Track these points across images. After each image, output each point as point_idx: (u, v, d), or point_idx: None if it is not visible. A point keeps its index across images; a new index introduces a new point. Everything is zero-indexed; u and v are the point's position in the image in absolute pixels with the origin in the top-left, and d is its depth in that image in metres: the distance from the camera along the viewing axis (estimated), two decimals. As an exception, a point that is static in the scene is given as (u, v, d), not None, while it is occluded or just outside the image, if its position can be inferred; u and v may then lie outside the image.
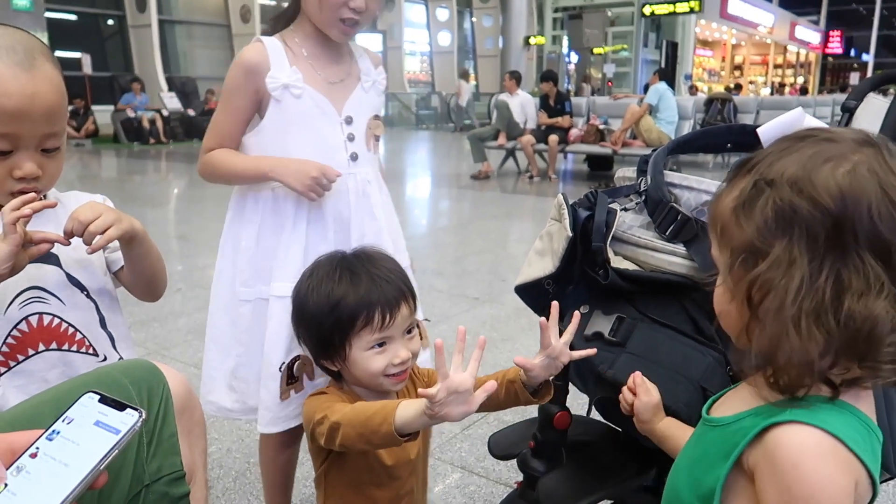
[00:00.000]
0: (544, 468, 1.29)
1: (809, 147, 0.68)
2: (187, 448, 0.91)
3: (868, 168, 0.64)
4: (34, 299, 1.03)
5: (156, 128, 12.83)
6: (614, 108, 8.66)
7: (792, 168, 0.66)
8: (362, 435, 0.94)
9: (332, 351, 1.07)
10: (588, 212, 1.23)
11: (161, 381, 0.89)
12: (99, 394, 0.68)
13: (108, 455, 0.64)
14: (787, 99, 12.38)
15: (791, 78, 32.24)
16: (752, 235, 0.68)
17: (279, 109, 1.34)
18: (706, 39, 28.25)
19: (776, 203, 0.66)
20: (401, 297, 1.06)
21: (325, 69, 1.40)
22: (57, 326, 1.05)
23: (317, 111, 1.37)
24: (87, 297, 1.11)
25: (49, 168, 1.03)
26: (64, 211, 1.12)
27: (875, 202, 0.63)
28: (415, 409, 0.90)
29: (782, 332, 0.65)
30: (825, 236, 0.64)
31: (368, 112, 1.44)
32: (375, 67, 1.49)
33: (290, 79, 1.34)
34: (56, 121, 0.99)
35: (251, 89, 1.35)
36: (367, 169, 1.43)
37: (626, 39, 21.75)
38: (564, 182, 8.56)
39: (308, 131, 1.36)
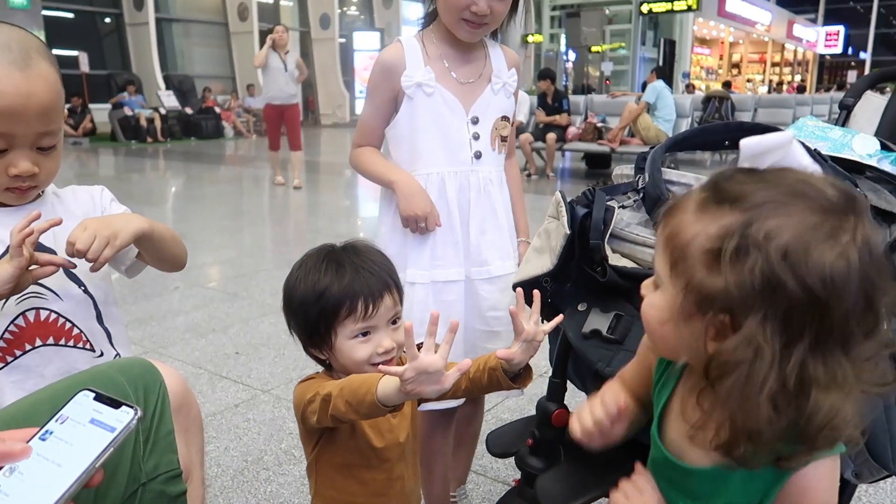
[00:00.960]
0: (542, 466, 1.29)
1: (806, 213, 0.63)
2: (184, 446, 0.90)
3: (857, 253, 0.61)
4: (31, 294, 1.03)
5: (153, 126, 12.81)
6: (612, 107, 8.66)
7: (787, 235, 0.61)
8: (350, 404, 0.97)
9: (318, 339, 1.10)
10: (586, 209, 1.23)
11: (157, 379, 0.88)
12: (94, 391, 0.67)
13: (104, 453, 0.63)
14: (785, 97, 12.39)
15: (789, 76, 32.27)
16: (723, 290, 0.63)
17: (411, 106, 1.44)
18: (704, 37, 28.27)
19: (764, 271, 0.61)
20: (384, 288, 1.09)
21: (458, 69, 1.47)
22: (54, 321, 1.05)
23: (446, 109, 1.44)
24: (84, 291, 1.10)
25: (45, 165, 1.02)
26: (62, 207, 1.12)
27: (853, 295, 0.61)
28: (392, 383, 0.93)
29: (741, 410, 0.63)
30: (801, 320, 0.61)
31: (496, 113, 1.49)
32: (509, 69, 1.52)
33: (423, 78, 1.42)
34: (51, 119, 0.98)
35: (388, 87, 1.45)
36: (490, 168, 1.50)
37: (624, 37, 21.77)
38: (562, 180, 8.56)
39: (436, 128, 1.45)
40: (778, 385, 0.61)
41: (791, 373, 0.61)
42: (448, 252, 1.47)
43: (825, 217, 0.63)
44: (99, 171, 9.65)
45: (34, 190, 1.05)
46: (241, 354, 2.80)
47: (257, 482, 1.92)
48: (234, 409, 2.32)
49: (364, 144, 1.54)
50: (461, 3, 1.36)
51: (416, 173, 1.47)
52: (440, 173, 1.46)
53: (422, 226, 1.44)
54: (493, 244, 1.49)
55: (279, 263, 4.41)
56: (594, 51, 20.30)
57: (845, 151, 1.31)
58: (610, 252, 1.18)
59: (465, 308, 1.50)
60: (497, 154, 1.51)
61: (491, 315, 1.50)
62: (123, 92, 12.94)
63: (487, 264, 1.49)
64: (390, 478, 1.15)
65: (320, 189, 8.19)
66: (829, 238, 0.61)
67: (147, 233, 1.07)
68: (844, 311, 0.61)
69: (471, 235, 1.47)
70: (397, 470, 1.16)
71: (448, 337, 0.92)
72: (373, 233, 5.23)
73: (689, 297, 0.66)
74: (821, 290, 0.60)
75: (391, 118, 1.48)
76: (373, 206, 6.80)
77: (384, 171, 1.49)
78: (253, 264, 4.35)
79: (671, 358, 0.76)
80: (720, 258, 0.63)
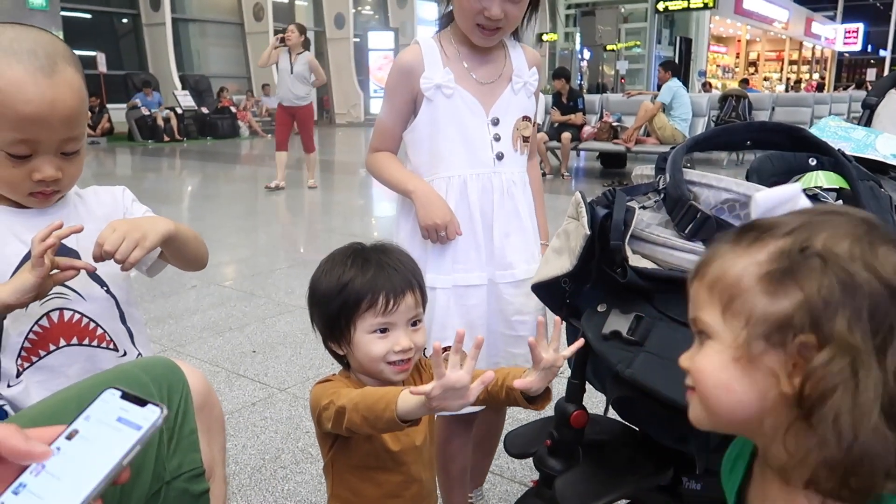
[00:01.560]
0: (561, 467, 1.29)
1: (849, 225, 0.61)
2: (206, 445, 0.91)
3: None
4: (55, 295, 1.04)
5: (170, 126, 12.91)
6: (627, 106, 8.60)
7: (845, 241, 0.59)
8: (366, 419, 0.97)
9: (337, 333, 1.11)
10: (606, 210, 1.22)
11: (181, 378, 0.89)
12: (121, 390, 0.68)
13: (131, 451, 0.64)
14: (803, 96, 12.24)
15: (806, 74, 31.94)
16: (793, 308, 0.59)
17: (431, 108, 1.42)
18: (720, 36, 28.06)
19: (837, 272, 0.58)
20: (407, 286, 1.10)
21: (477, 70, 1.45)
22: (78, 322, 1.06)
23: (466, 111, 1.43)
24: (106, 292, 1.12)
25: (69, 170, 1.03)
26: (85, 208, 1.13)
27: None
28: (416, 400, 0.94)
29: (856, 436, 0.56)
30: (888, 315, 0.57)
31: (517, 113, 1.47)
32: (530, 68, 1.51)
33: (442, 79, 1.41)
34: (76, 125, 0.98)
35: (407, 89, 1.43)
36: (513, 169, 1.48)
37: (640, 36, 21.61)
38: (577, 180, 8.53)
39: (457, 130, 1.43)
40: (885, 392, 0.56)
41: (891, 374, 0.56)
42: (470, 256, 1.45)
43: (868, 227, 0.61)
44: (116, 170, 9.74)
45: (57, 194, 1.07)
46: (258, 353, 2.82)
47: (275, 480, 1.93)
48: (251, 408, 2.34)
49: (381, 148, 1.51)
50: (474, 7, 1.34)
51: (437, 176, 1.45)
52: (462, 176, 1.44)
53: (442, 235, 1.42)
54: (517, 247, 1.47)
55: (294, 262, 4.43)
56: (609, 49, 20.19)
57: (869, 152, 1.30)
58: (630, 253, 1.18)
59: (488, 312, 1.48)
60: (519, 155, 1.49)
61: (516, 319, 1.48)
62: (139, 93, 13.05)
63: (512, 268, 1.47)
64: (406, 480, 1.15)
65: (335, 188, 8.22)
66: (885, 240, 0.60)
67: (173, 234, 1.07)
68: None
69: (494, 238, 1.45)
70: (413, 472, 1.16)
71: (473, 352, 0.92)
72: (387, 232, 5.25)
73: (756, 330, 0.61)
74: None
75: (409, 121, 1.46)
76: (387, 205, 6.82)
77: (402, 180, 1.47)
78: (268, 263, 4.37)
79: (737, 424, 0.66)
80: (783, 278, 0.60)
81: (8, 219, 1.04)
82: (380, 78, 19.31)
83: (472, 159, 1.43)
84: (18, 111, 0.90)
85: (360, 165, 10.89)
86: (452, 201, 1.43)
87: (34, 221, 1.03)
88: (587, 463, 1.30)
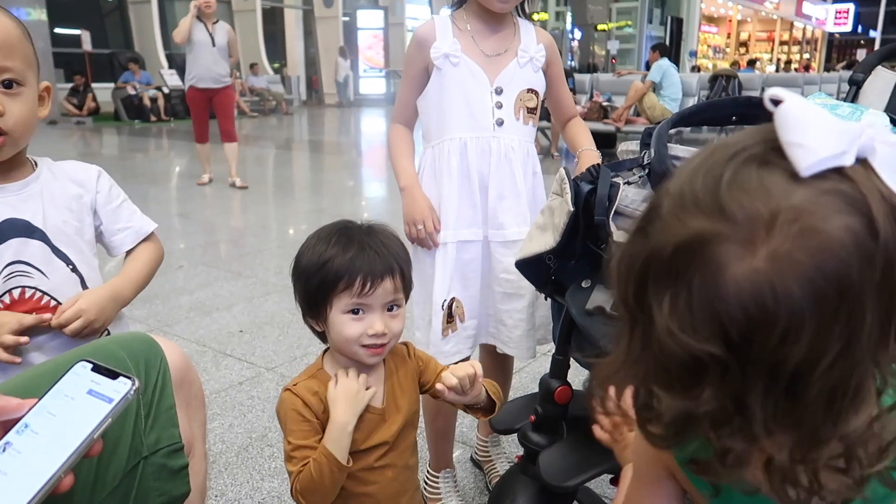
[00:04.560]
0: (545, 442, 1.30)
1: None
2: (186, 420, 0.91)
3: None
4: (18, 273, 1.03)
5: (157, 105, 12.77)
6: (618, 85, 8.57)
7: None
8: (317, 492, 1.06)
9: (315, 309, 1.12)
10: (590, 185, 1.22)
11: (158, 353, 0.88)
12: (91, 362, 0.67)
13: (102, 424, 0.63)
14: (793, 76, 12.23)
15: (797, 55, 31.90)
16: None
17: (439, 76, 1.52)
18: (711, 15, 27.92)
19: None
20: (387, 271, 1.09)
21: (485, 42, 1.53)
22: (38, 300, 1.05)
23: (471, 78, 1.51)
24: (72, 270, 1.10)
25: (12, 108, 0.99)
26: (57, 183, 1.11)
27: None
28: (337, 434, 1.06)
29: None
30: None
31: (521, 85, 1.55)
32: (537, 44, 1.58)
33: (450, 49, 1.50)
34: (10, 55, 0.97)
35: (420, 59, 1.54)
36: (513, 136, 1.55)
37: (631, 16, 21.50)
38: (567, 159, 8.51)
39: (461, 96, 1.52)
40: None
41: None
42: (466, 213, 1.54)
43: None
44: (102, 150, 9.63)
45: (6, 142, 1.01)
46: (245, 333, 2.81)
47: (262, 458, 1.93)
48: (238, 387, 2.33)
49: (400, 120, 1.63)
50: None
51: (443, 139, 1.54)
52: (462, 138, 1.52)
53: (420, 229, 1.52)
54: (511, 209, 1.54)
55: (282, 242, 4.41)
56: (600, 29, 20.08)
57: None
58: (615, 229, 1.17)
59: (481, 269, 1.57)
60: (522, 125, 1.56)
61: (503, 277, 1.55)
62: (127, 72, 12.88)
63: (503, 228, 1.54)
64: (373, 467, 1.14)
65: (324, 168, 8.17)
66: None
67: (129, 297, 1.17)
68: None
69: (489, 199, 1.54)
70: (384, 459, 1.15)
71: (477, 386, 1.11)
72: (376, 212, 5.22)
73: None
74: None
75: (423, 90, 1.57)
76: (377, 185, 6.79)
77: (399, 172, 1.59)
78: (256, 243, 4.35)
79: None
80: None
81: None
82: (369, 57, 19.17)
83: (473, 124, 1.52)
84: None
85: (349, 146, 10.83)
86: (454, 161, 1.53)
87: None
88: (571, 438, 1.30)
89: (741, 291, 0.47)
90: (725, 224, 0.48)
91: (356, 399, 1.10)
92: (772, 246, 0.46)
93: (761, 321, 0.47)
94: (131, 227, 1.21)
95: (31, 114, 1.02)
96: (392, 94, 18.15)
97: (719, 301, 0.47)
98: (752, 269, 0.46)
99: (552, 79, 1.62)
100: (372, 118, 14.86)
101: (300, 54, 18.13)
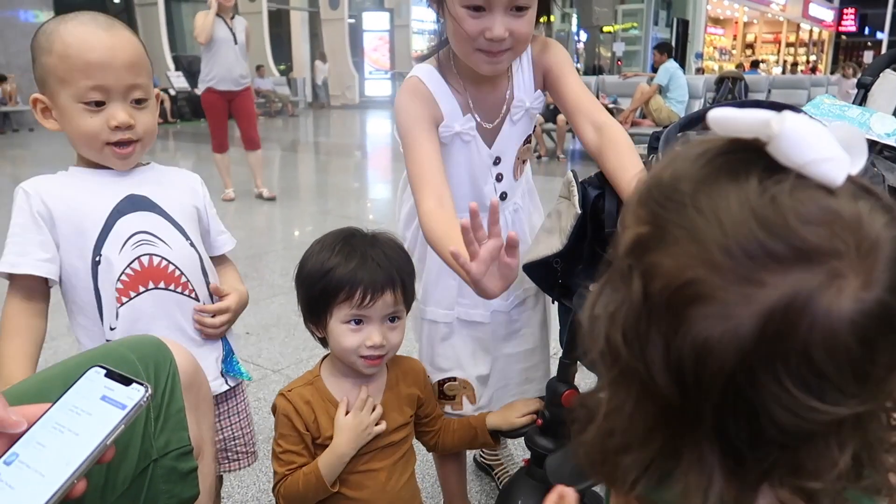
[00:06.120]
0: (552, 446, 1.29)
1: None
2: (195, 423, 0.91)
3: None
4: (143, 242, 1.10)
5: (163, 107, 12.82)
6: (624, 87, 8.56)
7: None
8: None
9: (315, 316, 1.13)
10: (598, 190, 1.22)
11: (168, 356, 0.89)
12: (105, 368, 0.68)
13: (115, 430, 0.64)
14: (800, 78, 12.19)
15: (804, 56, 31.80)
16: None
17: (445, 151, 1.26)
18: (717, 17, 27.89)
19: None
20: (388, 283, 1.10)
21: (481, 109, 1.28)
22: (164, 268, 1.11)
23: (477, 158, 1.30)
24: (190, 245, 1.17)
25: (141, 119, 1.10)
26: (171, 173, 1.24)
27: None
28: (332, 458, 1.10)
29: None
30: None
31: (517, 144, 1.33)
32: (536, 89, 1.31)
33: (462, 127, 1.26)
34: (138, 73, 1.09)
35: (428, 112, 1.22)
36: (516, 199, 1.39)
37: (637, 17, 21.48)
38: (573, 161, 8.50)
39: (466, 175, 1.30)
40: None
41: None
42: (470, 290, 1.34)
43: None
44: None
45: (136, 146, 1.12)
46: (251, 335, 2.81)
47: (268, 461, 1.92)
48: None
49: (431, 197, 1.14)
50: (472, 30, 1.11)
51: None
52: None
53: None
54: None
55: (288, 244, 4.42)
56: (606, 31, 20.10)
57: (863, 130, 1.29)
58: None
59: (494, 340, 1.42)
60: (519, 181, 1.38)
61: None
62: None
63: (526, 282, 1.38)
64: (359, 470, 1.16)
65: (330, 170, 8.18)
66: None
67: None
68: None
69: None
70: (371, 464, 1.16)
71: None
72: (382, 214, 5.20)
73: None
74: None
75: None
76: (382, 187, 6.79)
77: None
78: (263, 245, 4.36)
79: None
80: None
81: (86, 178, 1.13)
82: (374, 59, 19.20)
83: (477, 202, 1.21)
84: (85, 59, 1.03)
85: (354, 147, 10.84)
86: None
87: (117, 180, 1.12)
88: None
89: (856, 324, 0.42)
90: (818, 266, 0.42)
91: (362, 435, 1.12)
92: (866, 266, 0.42)
93: (883, 344, 0.43)
94: (226, 232, 1.32)
95: (154, 122, 1.15)
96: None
97: (839, 346, 0.42)
98: (858, 299, 0.42)
99: (557, 81, 1.29)
100: (377, 120, 14.87)
101: (306, 56, 18.19)
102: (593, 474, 0.58)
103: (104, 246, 1.07)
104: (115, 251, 1.07)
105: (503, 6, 1.09)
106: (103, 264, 1.07)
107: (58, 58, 1.04)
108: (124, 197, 1.11)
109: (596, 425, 0.54)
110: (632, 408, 0.50)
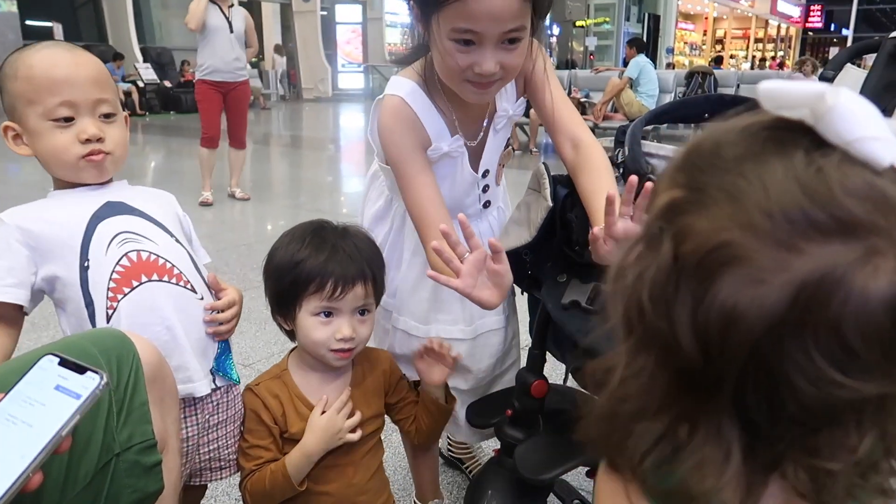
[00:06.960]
0: (521, 436, 1.30)
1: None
2: (159, 417, 0.90)
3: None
4: (128, 240, 1.09)
5: (131, 100, 12.58)
6: (596, 82, 8.63)
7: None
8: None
9: (284, 308, 1.13)
10: (566, 189, 1.23)
11: (131, 349, 0.88)
12: (59, 356, 0.66)
13: (71, 420, 0.62)
14: (768, 73, 12.41)
15: (772, 52, 32.31)
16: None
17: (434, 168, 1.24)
18: (688, 13, 28.16)
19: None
20: (359, 276, 1.10)
21: (467, 128, 1.26)
22: (154, 261, 1.09)
23: (464, 173, 1.29)
24: (176, 242, 1.15)
25: (110, 132, 1.11)
26: (144, 192, 1.22)
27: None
28: (300, 456, 1.09)
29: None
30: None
31: (498, 151, 1.34)
32: (519, 97, 1.31)
33: (450, 147, 1.23)
34: (103, 88, 1.11)
35: (416, 137, 1.19)
36: (499, 203, 1.43)
37: (609, 12, 21.64)
38: (545, 155, 8.54)
39: (450, 190, 1.28)
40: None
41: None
42: (454, 307, 1.34)
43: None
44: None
45: (109, 160, 1.11)
46: (221, 329, 2.78)
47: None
48: (214, 384, 2.31)
49: (436, 236, 1.07)
50: (461, 64, 1.07)
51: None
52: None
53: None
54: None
55: (261, 238, 4.38)
56: (578, 25, 20.16)
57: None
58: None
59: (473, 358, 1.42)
60: (500, 185, 1.42)
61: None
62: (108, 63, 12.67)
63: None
64: (326, 465, 1.15)
65: (303, 164, 8.11)
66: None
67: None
68: None
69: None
70: (338, 458, 1.16)
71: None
72: (355, 207, 5.18)
73: None
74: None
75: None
76: (356, 181, 6.76)
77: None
78: (234, 238, 4.31)
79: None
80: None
81: (63, 198, 1.12)
82: (347, 52, 19.05)
83: (459, 212, 1.17)
84: (50, 76, 1.06)
85: (328, 141, 10.76)
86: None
87: (89, 196, 1.11)
88: (547, 432, 1.31)
89: (891, 304, 0.41)
90: (858, 241, 0.41)
91: (334, 438, 1.11)
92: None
93: None
94: (202, 248, 1.30)
95: (125, 137, 1.16)
96: (372, 90, 18.07)
97: (871, 325, 0.41)
98: (894, 281, 0.41)
99: (537, 90, 1.28)
100: (350, 113, 14.77)
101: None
102: (599, 449, 0.57)
103: (89, 250, 1.06)
104: (101, 252, 1.06)
105: (494, 41, 1.04)
106: (92, 268, 1.06)
107: (23, 80, 1.06)
108: (102, 204, 1.11)
109: (609, 391, 0.53)
110: (650, 373, 0.49)
